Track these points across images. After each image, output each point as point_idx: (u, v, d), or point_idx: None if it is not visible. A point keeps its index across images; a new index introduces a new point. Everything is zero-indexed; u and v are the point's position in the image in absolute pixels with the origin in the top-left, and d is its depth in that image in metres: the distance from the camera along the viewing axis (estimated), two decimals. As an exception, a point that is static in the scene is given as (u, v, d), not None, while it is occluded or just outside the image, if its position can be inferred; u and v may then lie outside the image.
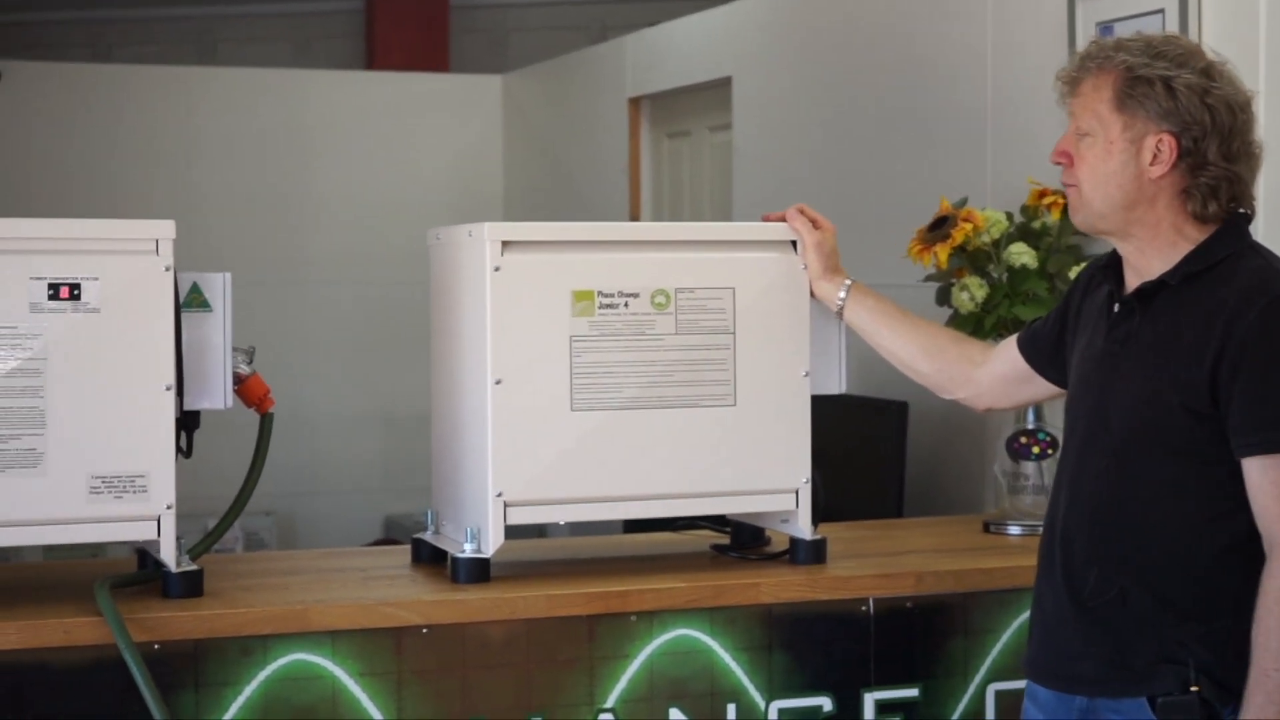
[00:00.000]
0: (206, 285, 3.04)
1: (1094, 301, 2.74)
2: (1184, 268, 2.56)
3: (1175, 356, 2.52)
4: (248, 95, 7.80)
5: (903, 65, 4.92)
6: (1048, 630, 2.69)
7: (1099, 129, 2.58)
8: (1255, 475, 2.46)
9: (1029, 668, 2.76)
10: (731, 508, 3.32)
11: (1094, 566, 2.57)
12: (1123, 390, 2.57)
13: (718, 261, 3.22)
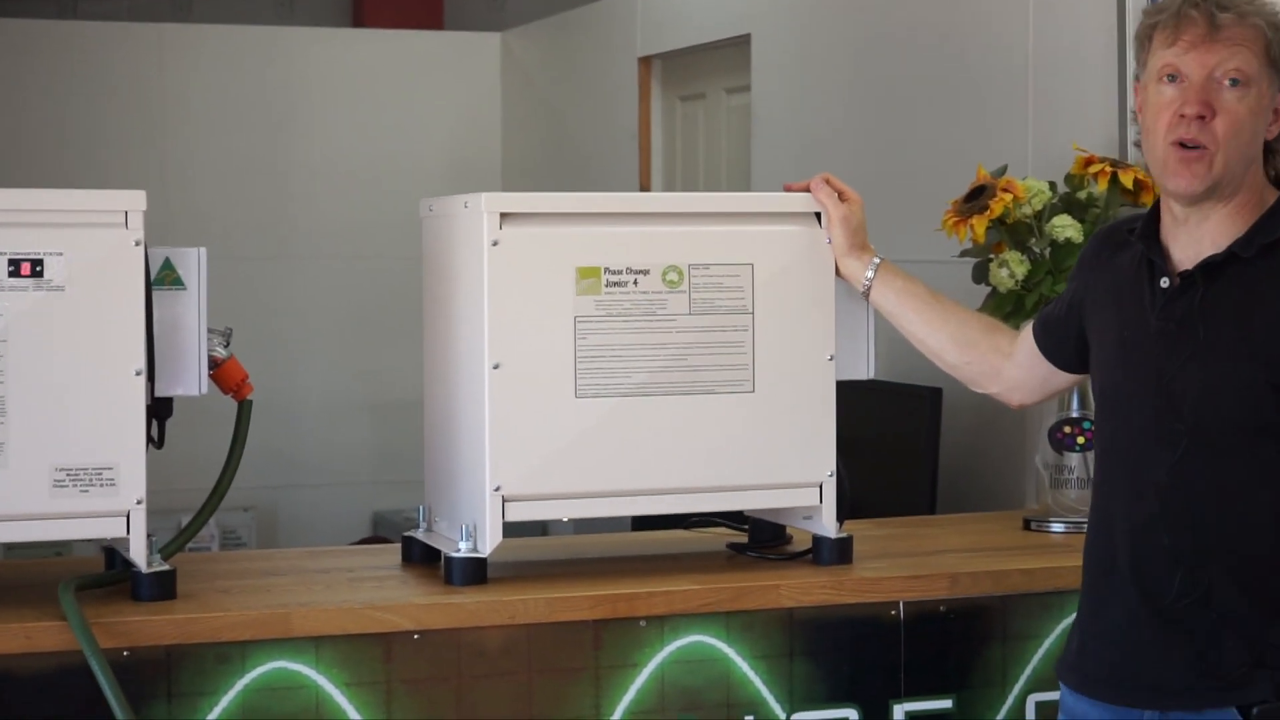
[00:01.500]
0: (180, 261, 3.04)
1: (1116, 272, 2.72)
2: (1258, 238, 2.55)
3: (1259, 332, 2.52)
4: (225, 54, 7.81)
5: (936, 21, 4.91)
6: (1109, 639, 2.67)
7: (1256, 81, 2.56)
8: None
9: (1079, 680, 2.73)
10: (750, 503, 3.33)
11: (1179, 567, 2.55)
12: (1195, 372, 2.55)
13: (735, 235, 3.22)
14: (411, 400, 3.62)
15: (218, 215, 7.55)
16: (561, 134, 7.63)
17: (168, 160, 7.60)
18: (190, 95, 7.71)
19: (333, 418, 7.80)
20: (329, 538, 7.31)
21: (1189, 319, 2.58)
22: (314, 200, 7.82)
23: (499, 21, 8.80)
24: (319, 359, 7.79)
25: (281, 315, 7.68)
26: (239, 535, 7.47)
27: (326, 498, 7.79)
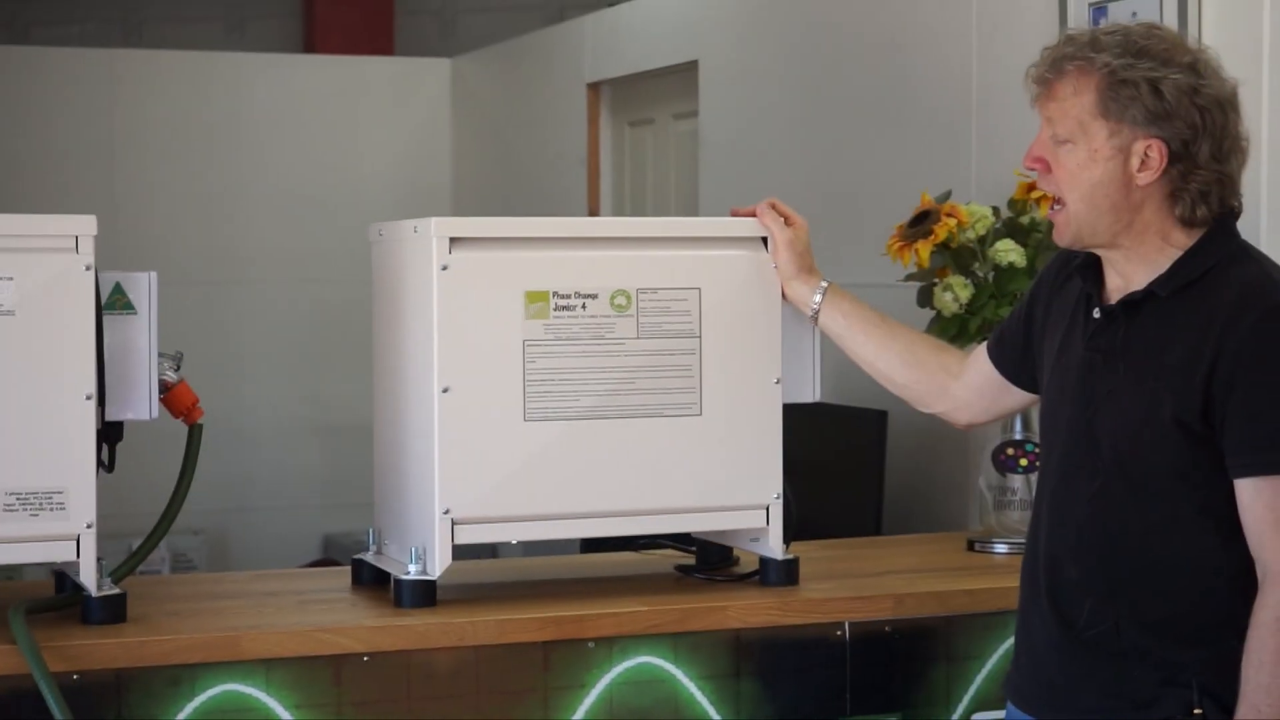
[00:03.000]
0: (130, 285, 3.03)
1: (1065, 299, 2.74)
2: (1176, 278, 2.56)
3: (1167, 371, 2.53)
4: (177, 80, 7.79)
5: (882, 49, 4.93)
6: (1037, 658, 2.70)
7: (1081, 136, 2.58)
8: (1247, 497, 2.47)
9: (1015, 695, 2.77)
10: (697, 525, 3.33)
11: (1087, 597, 2.58)
12: (1111, 407, 2.58)
13: (682, 260, 3.22)
14: (361, 424, 3.61)
15: (169, 240, 7.53)
16: (511, 159, 7.63)
17: (119, 185, 7.58)
18: (141, 120, 7.69)
19: (283, 441, 7.78)
20: (279, 561, 7.28)
21: (1111, 352, 2.60)
22: (265, 225, 7.80)
23: (449, 47, 8.81)
24: (269, 383, 7.77)
25: (232, 339, 7.66)
26: (190, 558, 7.44)
27: (277, 521, 7.76)
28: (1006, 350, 2.94)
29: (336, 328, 7.40)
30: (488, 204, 7.66)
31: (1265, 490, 2.46)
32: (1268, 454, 2.45)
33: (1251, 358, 2.46)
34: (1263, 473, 2.46)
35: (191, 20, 9.87)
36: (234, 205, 7.78)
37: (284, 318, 7.80)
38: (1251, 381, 2.46)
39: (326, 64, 8.30)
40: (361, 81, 8.09)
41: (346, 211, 7.55)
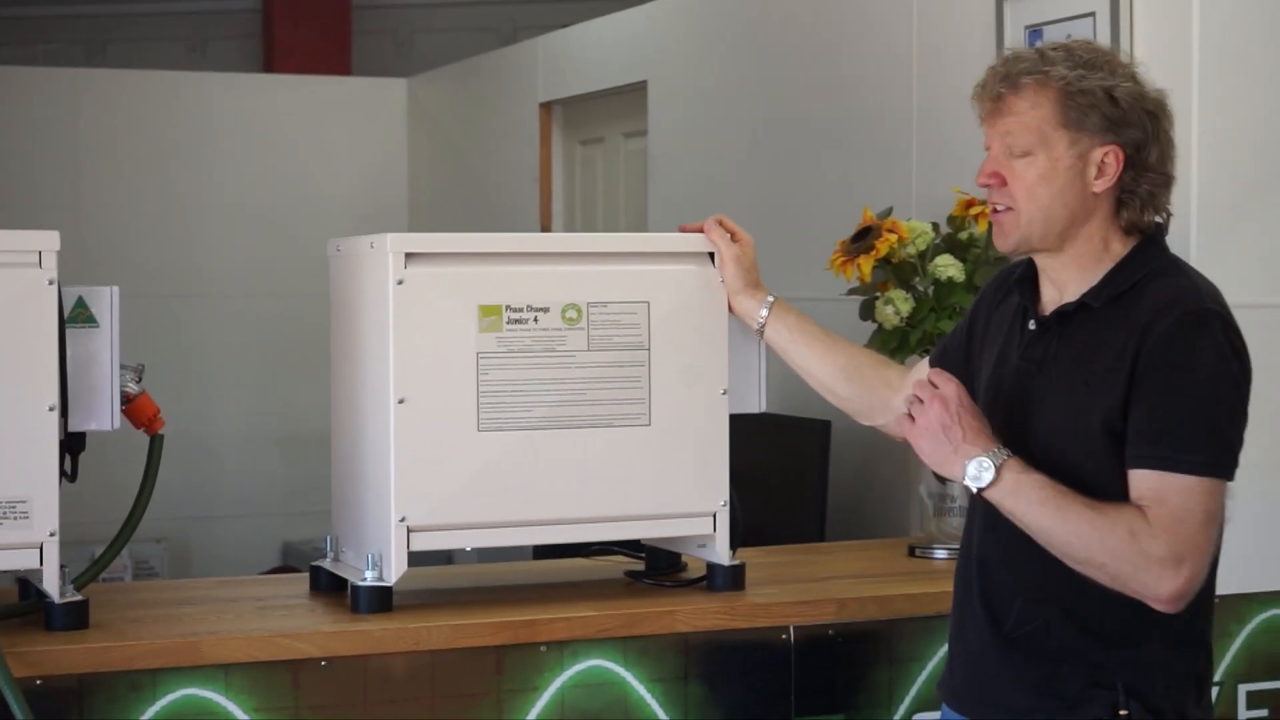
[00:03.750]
0: (93, 299, 3.02)
1: (1004, 314, 2.75)
2: (1107, 289, 2.58)
3: (1094, 379, 2.54)
4: (138, 98, 7.76)
5: (826, 71, 4.95)
6: (971, 660, 2.71)
7: (1041, 147, 2.58)
8: (1138, 485, 2.48)
9: (950, 696, 2.77)
10: (646, 532, 3.33)
11: (1017, 599, 2.59)
12: (1042, 414, 2.59)
13: (632, 274, 3.22)
14: (319, 434, 3.60)
15: (131, 254, 7.49)
16: (466, 176, 7.62)
17: (82, 201, 7.54)
18: (105, 138, 7.65)
19: (243, 451, 7.75)
20: (239, 568, 7.25)
21: (1044, 361, 2.61)
22: (225, 240, 7.77)
23: (405, 68, 8.80)
24: (230, 394, 7.73)
25: (193, 352, 7.63)
26: (151, 566, 7.40)
27: (237, 529, 7.72)
28: (949, 365, 2.93)
29: (295, 340, 7.38)
30: (443, 220, 7.64)
31: (1153, 482, 2.46)
32: (1157, 449, 2.46)
33: (1158, 357, 2.48)
34: (1154, 466, 2.46)
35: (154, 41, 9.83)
36: (195, 221, 7.75)
37: (244, 330, 7.77)
38: (1157, 379, 2.47)
39: (285, 84, 8.27)
40: (320, 101, 8.07)
41: (305, 227, 7.53)
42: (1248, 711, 3.64)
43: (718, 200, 5.16)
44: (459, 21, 9.95)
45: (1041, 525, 2.49)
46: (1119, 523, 2.45)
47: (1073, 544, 2.48)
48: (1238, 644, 3.64)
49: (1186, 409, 2.47)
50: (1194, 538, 2.45)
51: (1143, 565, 2.45)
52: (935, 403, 2.54)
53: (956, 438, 2.52)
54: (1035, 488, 2.48)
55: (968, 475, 2.51)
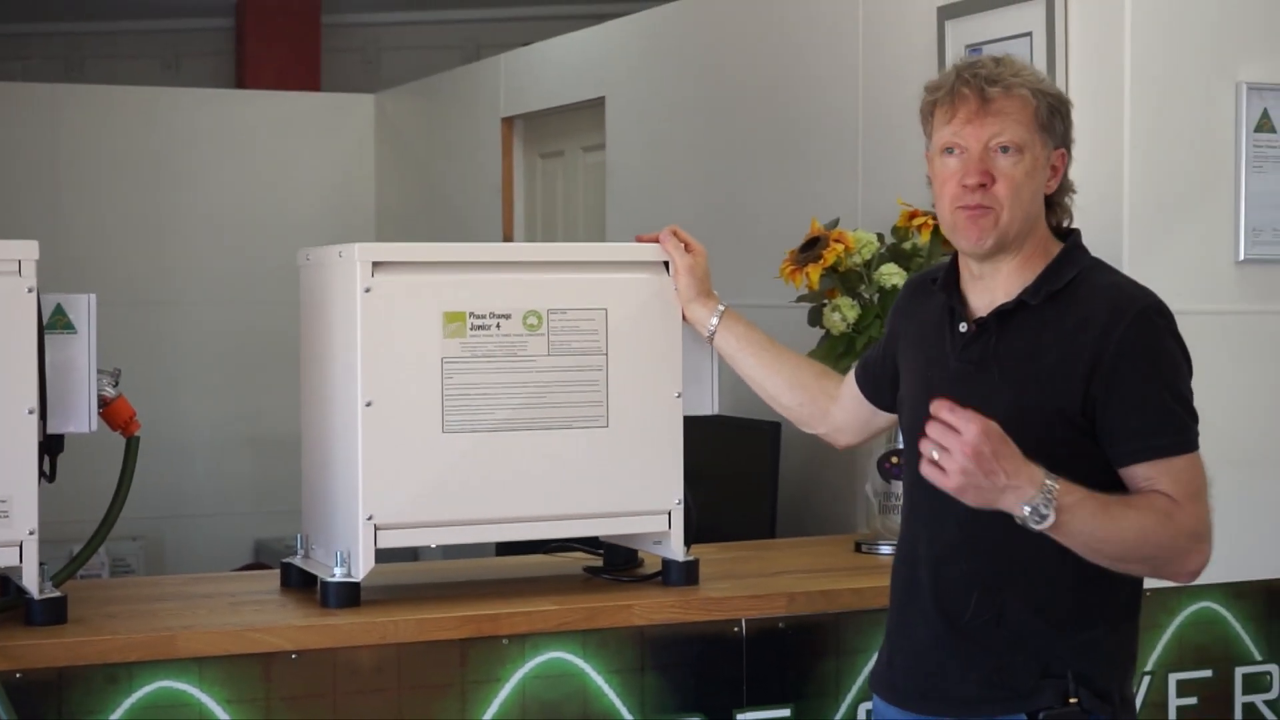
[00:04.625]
0: (71, 307, 3.01)
1: (923, 318, 2.75)
2: (1045, 287, 2.60)
3: (1044, 372, 2.55)
4: (115, 113, 7.72)
5: (775, 87, 4.95)
6: (917, 656, 2.70)
7: (1029, 146, 2.59)
8: (1145, 474, 2.50)
9: (888, 691, 2.76)
10: (604, 530, 3.33)
11: (973, 589, 2.58)
12: (988, 409, 2.57)
13: (590, 283, 3.22)
14: (290, 436, 3.59)
15: (108, 263, 7.45)
16: (431, 188, 7.60)
17: (60, 212, 7.50)
18: (82, 151, 7.61)
19: (216, 452, 7.72)
20: (213, 564, 7.22)
21: (985, 360, 2.62)
22: (199, 249, 7.74)
23: (373, 84, 8.78)
24: (203, 397, 7.70)
25: (168, 357, 7.59)
26: (128, 563, 7.36)
27: (210, 527, 7.69)
28: (870, 375, 2.96)
29: (267, 346, 7.35)
30: (409, 230, 7.63)
31: (1162, 468, 2.49)
32: (1157, 439, 2.50)
33: (1130, 355, 2.50)
34: (1159, 456, 2.49)
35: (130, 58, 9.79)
36: (170, 231, 7.71)
37: (217, 336, 7.73)
38: (1134, 377, 2.50)
39: (257, 99, 8.24)
40: (290, 115, 8.04)
41: (276, 237, 7.50)
42: (1178, 699, 3.66)
43: (672, 211, 5.17)
44: (424, 40, 9.93)
45: (1094, 539, 2.44)
46: (1156, 512, 2.46)
47: (1127, 546, 2.46)
48: (1168, 635, 3.66)
49: (1166, 396, 2.52)
50: (1207, 508, 2.51)
51: (1184, 547, 2.49)
52: (963, 450, 2.34)
53: (1001, 482, 2.36)
54: (1085, 508, 2.41)
55: (1026, 518, 2.38)
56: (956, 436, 2.35)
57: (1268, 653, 3.75)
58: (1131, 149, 3.62)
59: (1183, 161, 3.68)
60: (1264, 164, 3.71)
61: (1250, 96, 3.69)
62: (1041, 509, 2.37)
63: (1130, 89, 3.62)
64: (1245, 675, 3.73)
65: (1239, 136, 3.69)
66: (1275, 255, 3.73)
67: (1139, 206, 3.62)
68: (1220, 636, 3.71)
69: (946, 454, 2.36)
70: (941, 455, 2.36)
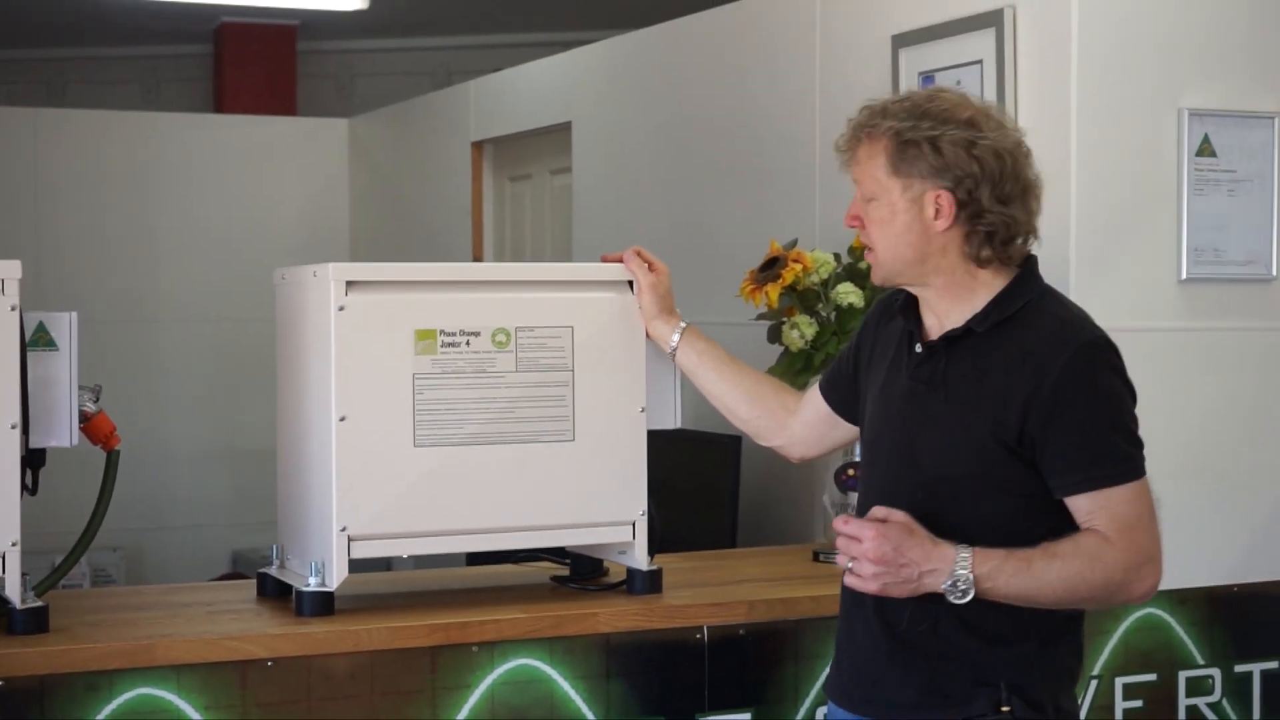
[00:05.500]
0: (53, 324, 2.99)
1: (888, 337, 2.77)
2: (991, 316, 2.60)
3: (985, 397, 2.55)
4: (97, 137, 7.69)
5: (735, 113, 4.96)
6: (861, 661, 2.70)
7: (881, 193, 2.62)
8: (1085, 506, 2.51)
9: (839, 695, 2.77)
10: (570, 540, 3.32)
11: (910, 601, 2.57)
12: (932, 429, 2.60)
13: (556, 301, 3.22)
14: (266, 449, 3.58)
15: (90, 282, 7.43)
16: (403, 210, 7.59)
17: (43, 232, 7.47)
18: (64, 173, 7.58)
19: (195, 465, 7.69)
20: (191, 575, 7.20)
21: (934, 382, 2.62)
22: (178, 269, 7.71)
23: (347, 108, 8.77)
24: (182, 412, 7.67)
25: (148, 373, 7.56)
26: (109, 573, 7.32)
27: (189, 538, 7.66)
28: (838, 388, 2.96)
29: (243, 362, 7.33)
30: (382, 250, 7.62)
31: (1100, 500, 2.50)
32: (1093, 470, 2.50)
33: (1067, 390, 2.50)
34: (1096, 487, 2.50)
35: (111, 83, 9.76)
36: (150, 251, 7.68)
37: (195, 353, 7.71)
38: (1071, 411, 2.50)
39: (234, 123, 8.22)
40: (267, 139, 8.02)
41: (253, 257, 7.47)
42: (1124, 703, 3.67)
43: (636, 232, 5.17)
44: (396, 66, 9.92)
45: (1024, 596, 2.50)
46: (1083, 556, 2.48)
47: (1058, 596, 2.51)
48: (1114, 640, 3.67)
49: (1105, 429, 2.51)
50: (1150, 534, 2.52)
51: (1120, 581, 2.50)
52: (868, 556, 2.49)
53: (913, 574, 2.49)
54: (1004, 572, 2.48)
55: (950, 597, 2.49)
56: (859, 545, 2.51)
57: (1209, 657, 3.76)
58: (1078, 172, 3.64)
59: (1127, 185, 3.70)
60: (1205, 187, 3.73)
61: (1191, 122, 3.71)
62: (960, 585, 2.48)
63: (1077, 115, 3.64)
64: (1188, 679, 3.75)
65: (1181, 160, 3.71)
66: (1216, 274, 3.75)
67: (1086, 228, 3.64)
68: (1164, 642, 3.72)
69: (858, 562, 2.52)
70: (854, 564, 2.52)
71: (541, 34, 9.04)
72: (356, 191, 8.01)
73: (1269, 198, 3.79)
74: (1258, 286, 3.80)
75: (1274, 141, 3.79)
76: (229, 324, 7.59)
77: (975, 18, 3.87)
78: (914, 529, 2.51)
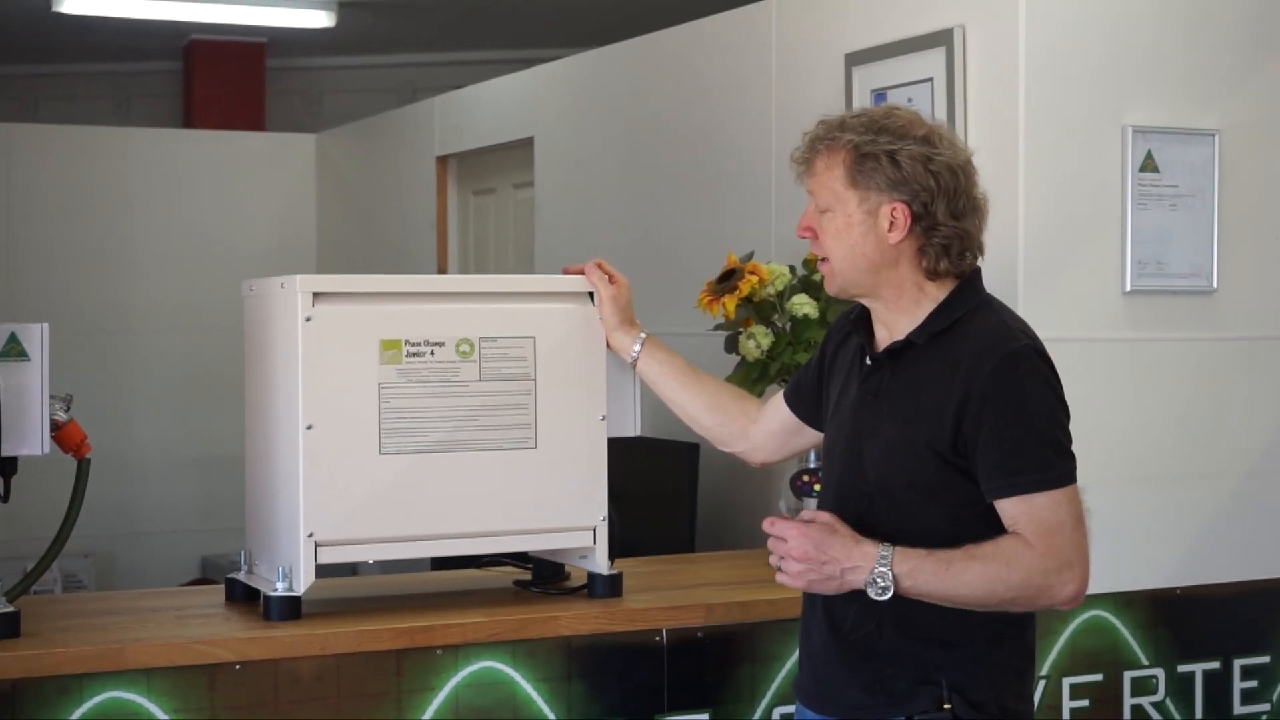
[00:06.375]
0: (24, 335, 2.98)
1: (846, 351, 2.78)
2: (928, 328, 2.61)
3: (922, 407, 2.56)
4: (69, 151, 7.65)
5: (694, 129, 4.97)
6: (815, 661, 2.72)
7: (837, 204, 2.63)
8: (1010, 513, 2.52)
9: (800, 695, 2.78)
10: (533, 545, 3.32)
11: (853, 603, 2.58)
12: (876, 438, 2.61)
13: (519, 312, 3.22)
14: (235, 457, 3.56)
15: (61, 294, 7.39)
16: (369, 223, 7.58)
17: (16, 245, 7.42)
18: (37, 188, 7.54)
19: (165, 473, 7.65)
20: (161, 580, 7.16)
21: (879, 393, 2.63)
22: (148, 280, 7.68)
23: (314, 124, 8.75)
24: (152, 421, 7.64)
25: (118, 383, 7.53)
26: (80, 579, 7.28)
27: (159, 544, 7.62)
28: (802, 396, 2.96)
29: (212, 372, 7.30)
30: (348, 263, 7.60)
31: (1019, 504, 2.50)
32: (1018, 477, 2.50)
33: (992, 398, 2.50)
34: (1018, 493, 2.50)
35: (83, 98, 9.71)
36: (121, 263, 7.65)
37: (165, 363, 7.67)
38: (995, 418, 2.50)
39: (204, 138, 8.19)
40: (236, 154, 8.00)
41: (222, 269, 7.44)
42: (1071, 702, 3.69)
43: (597, 245, 5.17)
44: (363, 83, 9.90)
45: (944, 594, 2.51)
46: (1002, 558, 2.49)
47: (978, 597, 2.51)
48: (1062, 641, 3.68)
49: (1028, 437, 2.51)
50: (1072, 540, 2.51)
51: (1039, 584, 2.50)
52: (792, 555, 2.52)
53: (835, 570, 2.52)
54: (924, 571, 2.49)
55: (871, 593, 2.51)
56: (784, 545, 2.54)
57: (1154, 657, 3.78)
58: (1026, 188, 3.65)
59: (1073, 199, 3.71)
60: (1148, 201, 3.75)
61: (1135, 139, 3.73)
62: (880, 582, 2.49)
63: (1024, 131, 3.66)
64: (1133, 679, 3.76)
65: (1125, 176, 3.73)
66: (1159, 286, 3.77)
67: (1034, 241, 3.65)
68: (1110, 643, 3.73)
69: (785, 560, 2.55)
70: (782, 562, 2.55)
71: (504, 51, 9.03)
72: (324, 205, 7.99)
73: (1209, 212, 3.81)
74: (1199, 298, 3.83)
75: (1215, 158, 3.81)
76: (198, 334, 7.55)
77: (926, 37, 3.89)
78: (836, 528, 2.53)
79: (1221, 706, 3.85)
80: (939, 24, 3.86)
